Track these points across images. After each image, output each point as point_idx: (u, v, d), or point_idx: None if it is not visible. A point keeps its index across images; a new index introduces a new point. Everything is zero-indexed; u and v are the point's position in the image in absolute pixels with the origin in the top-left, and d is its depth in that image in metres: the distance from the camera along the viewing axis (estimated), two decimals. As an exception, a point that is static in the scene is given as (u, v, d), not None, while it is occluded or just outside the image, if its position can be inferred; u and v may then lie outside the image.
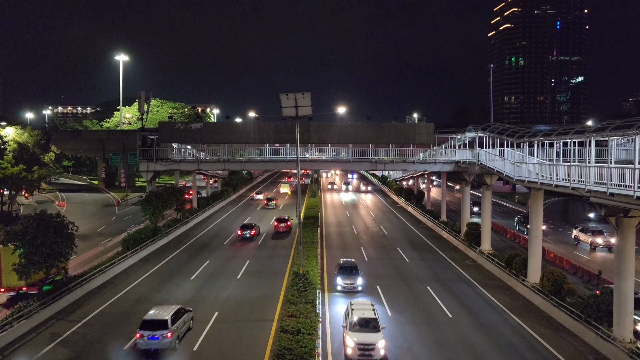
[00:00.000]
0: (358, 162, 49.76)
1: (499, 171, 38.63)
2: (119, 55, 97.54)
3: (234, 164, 50.40)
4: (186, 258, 42.10)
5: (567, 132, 27.74)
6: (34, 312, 26.49)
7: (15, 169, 55.77)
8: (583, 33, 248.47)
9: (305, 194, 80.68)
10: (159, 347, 22.97)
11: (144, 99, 53.37)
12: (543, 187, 30.47)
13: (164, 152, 48.83)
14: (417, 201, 72.77)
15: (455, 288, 34.07)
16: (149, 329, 22.98)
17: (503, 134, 37.90)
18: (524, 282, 32.87)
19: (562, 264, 39.66)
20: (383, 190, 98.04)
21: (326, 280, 35.09)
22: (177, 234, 51.89)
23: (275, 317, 27.59)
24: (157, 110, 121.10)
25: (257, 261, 41.01)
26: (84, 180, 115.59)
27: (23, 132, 61.18)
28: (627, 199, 20.74)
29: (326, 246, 46.96)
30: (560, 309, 27.58)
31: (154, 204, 46.51)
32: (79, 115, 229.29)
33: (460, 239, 47.59)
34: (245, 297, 31.51)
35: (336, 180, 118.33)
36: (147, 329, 22.99)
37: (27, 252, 26.87)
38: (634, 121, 21.04)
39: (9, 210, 61.61)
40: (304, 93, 30.98)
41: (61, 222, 29.06)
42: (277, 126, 46.84)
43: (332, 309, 29.31)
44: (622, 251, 23.38)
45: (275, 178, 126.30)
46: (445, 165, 49.59)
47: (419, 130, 48.59)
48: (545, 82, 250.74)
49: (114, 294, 32.01)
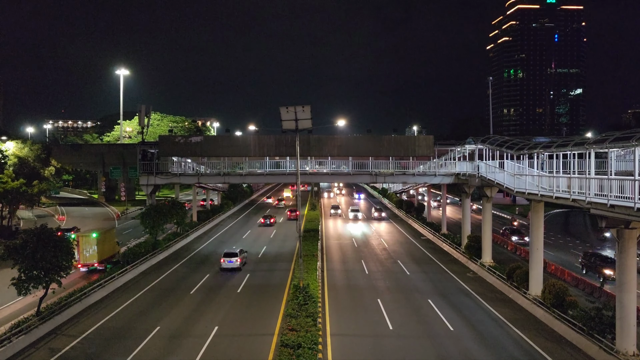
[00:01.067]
0: (358, 174, 49.78)
1: (499, 183, 38.61)
2: (120, 69, 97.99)
3: (234, 177, 50.42)
4: (186, 272, 41.96)
5: (567, 143, 27.80)
6: (33, 327, 26.30)
7: (15, 183, 55.75)
8: (581, 46, 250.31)
9: (306, 204, 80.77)
10: (233, 267, 41.53)
11: (144, 112, 53.51)
12: (543, 199, 30.43)
13: (164, 166, 48.88)
14: (417, 213, 72.72)
15: (457, 301, 33.87)
16: (227, 257, 42.01)
17: (503, 146, 37.95)
18: (525, 294, 32.69)
19: (563, 276, 39.45)
20: (383, 203, 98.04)
21: (327, 294, 34.93)
22: (177, 247, 51.75)
23: (275, 331, 27.39)
24: (157, 124, 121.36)
25: (258, 275, 40.86)
26: (84, 194, 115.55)
27: (23, 147, 61.28)
28: (628, 210, 20.72)
29: (326, 259, 46.78)
30: (562, 321, 27.39)
31: (153, 217, 46.47)
32: (79, 129, 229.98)
33: (461, 251, 47.43)
34: (245, 310, 31.33)
35: (341, 203, 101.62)
36: (226, 256, 42.02)
37: (27, 266, 26.76)
38: (633, 133, 21.10)
39: (8, 225, 61.50)
40: (303, 106, 31.11)
41: (61, 236, 29.00)
42: (277, 139, 46.93)
43: (333, 323, 29.12)
44: (623, 263, 23.28)
45: (274, 192, 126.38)
46: (445, 178, 49.58)
47: (419, 143, 48.68)
48: (544, 94, 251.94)
49: (113, 308, 31.82)
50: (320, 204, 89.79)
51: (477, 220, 56.54)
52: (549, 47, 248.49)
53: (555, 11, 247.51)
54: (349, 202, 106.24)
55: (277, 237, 59.25)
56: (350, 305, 32.77)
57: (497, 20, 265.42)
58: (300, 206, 35.06)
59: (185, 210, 56.93)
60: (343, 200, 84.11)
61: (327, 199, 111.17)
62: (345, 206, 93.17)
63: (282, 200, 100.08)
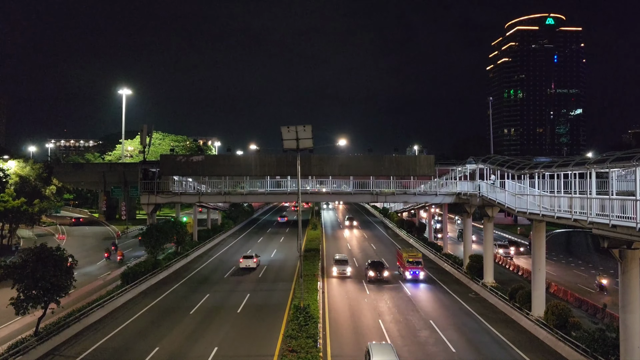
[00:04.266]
0: (359, 194, 49.75)
1: (500, 203, 38.55)
2: (123, 89, 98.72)
3: (235, 197, 50.40)
4: (186, 291, 41.66)
5: (568, 163, 27.82)
6: (31, 347, 26.04)
7: (16, 202, 55.79)
8: (580, 66, 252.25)
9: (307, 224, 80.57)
10: (250, 266, 50.43)
11: (146, 132, 53.79)
12: (545, 219, 30.33)
13: (165, 185, 48.90)
14: (418, 233, 72.45)
15: (459, 322, 33.55)
16: (245, 258, 51.19)
17: (504, 165, 37.99)
18: (528, 315, 32.40)
19: (566, 297, 39.15)
20: (384, 222, 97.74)
21: (327, 314, 34.63)
22: (177, 267, 51.50)
23: (275, 352, 27.10)
24: (159, 143, 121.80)
25: (258, 295, 40.57)
26: (85, 213, 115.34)
27: (25, 165, 61.50)
28: (630, 230, 20.63)
29: (327, 279, 46.45)
30: (565, 343, 27.09)
31: (154, 237, 46.28)
32: (81, 148, 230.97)
33: (462, 271, 47.14)
34: (245, 331, 31.04)
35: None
36: (245, 258, 51.20)
37: (26, 285, 26.58)
38: (634, 153, 21.12)
39: (8, 244, 61.35)
40: (304, 125, 31.22)
41: (61, 255, 28.87)
42: (279, 159, 47.02)
43: (333, 344, 28.81)
44: (626, 284, 23.09)
45: (275, 212, 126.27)
46: (447, 197, 49.52)
47: (420, 162, 48.70)
48: (544, 114, 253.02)
49: (112, 328, 31.53)
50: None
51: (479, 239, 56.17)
52: (548, 67, 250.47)
53: (555, 32, 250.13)
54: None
55: (279, 254, 58.96)
56: (351, 325, 32.47)
57: (496, 41, 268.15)
58: (301, 228, 34.88)
59: (185, 230, 56.80)
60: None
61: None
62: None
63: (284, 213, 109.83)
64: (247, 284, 44.67)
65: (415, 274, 46.08)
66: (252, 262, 50.94)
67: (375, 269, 45.87)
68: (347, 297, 39.90)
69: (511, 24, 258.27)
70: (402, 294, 41.08)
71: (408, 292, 42.02)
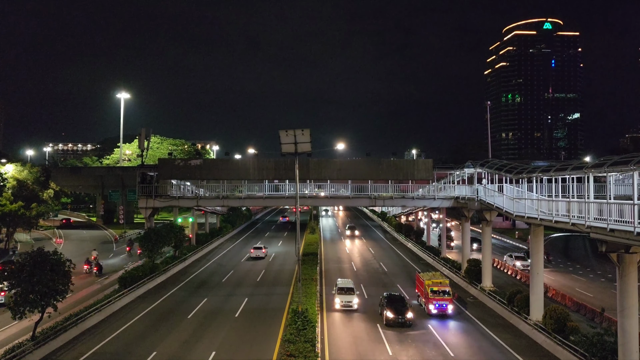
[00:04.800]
0: (357, 198, 49.74)
1: (498, 207, 38.57)
2: (121, 93, 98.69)
3: (233, 201, 50.38)
4: (184, 296, 41.54)
5: (566, 168, 27.87)
6: (28, 352, 25.92)
7: (13, 206, 55.70)
8: (578, 71, 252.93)
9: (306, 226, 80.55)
10: (260, 256, 58.44)
11: (144, 135, 53.69)
12: (543, 223, 30.37)
13: (163, 189, 48.83)
14: (416, 237, 72.45)
15: (457, 326, 33.51)
16: (255, 249, 59.50)
17: (502, 170, 38.04)
18: (526, 319, 32.38)
19: (564, 301, 39.13)
20: (382, 227, 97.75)
21: (325, 318, 34.55)
22: (175, 271, 51.36)
23: (274, 356, 27.03)
24: (157, 147, 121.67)
25: (256, 299, 40.48)
26: (83, 217, 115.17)
27: (23, 169, 61.40)
28: (628, 234, 20.65)
29: (325, 283, 46.39)
30: (564, 347, 27.06)
31: (152, 241, 46.17)
32: (79, 152, 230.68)
33: (461, 275, 47.11)
34: (243, 335, 30.95)
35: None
36: (255, 249, 59.50)
37: (23, 290, 26.49)
38: (631, 157, 21.18)
39: (5, 248, 61.18)
40: (303, 129, 31.24)
41: (58, 259, 28.78)
42: (277, 162, 47.04)
43: (332, 348, 28.74)
44: (624, 288, 23.10)
45: (274, 214, 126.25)
46: (445, 201, 49.53)
47: (418, 166, 48.74)
48: (542, 118, 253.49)
49: (109, 332, 31.40)
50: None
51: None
52: (546, 72, 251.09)
53: (552, 37, 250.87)
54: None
55: (275, 261, 58.88)
56: (349, 330, 32.38)
57: (494, 45, 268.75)
58: (299, 232, 34.82)
59: (183, 234, 56.74)
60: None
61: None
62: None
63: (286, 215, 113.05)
64: (245, 288, 44.58)
65: (442, 308, 35.23)
66: (261, 252, 59.72)
67: (394, 309, 33.21)
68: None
69: (509, 29, 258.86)
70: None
71: (407, 296, 39.64)
